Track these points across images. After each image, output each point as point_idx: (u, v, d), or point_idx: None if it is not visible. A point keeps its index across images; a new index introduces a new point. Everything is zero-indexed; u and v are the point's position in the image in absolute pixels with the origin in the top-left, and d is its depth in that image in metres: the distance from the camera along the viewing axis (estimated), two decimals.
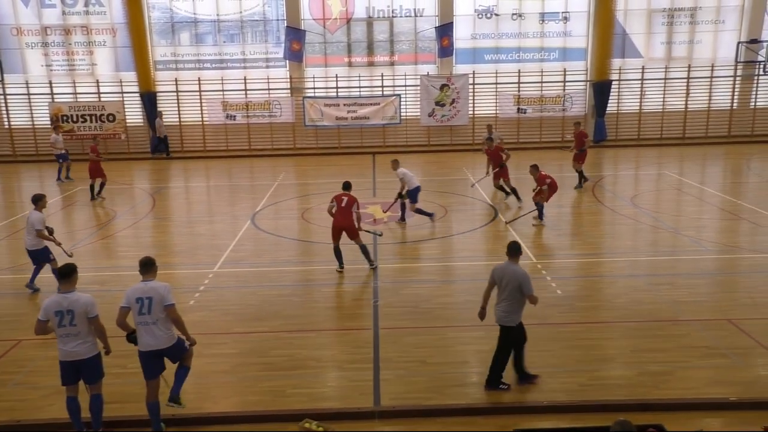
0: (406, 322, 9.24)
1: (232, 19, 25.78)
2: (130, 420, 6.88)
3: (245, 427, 6.76)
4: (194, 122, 26.26)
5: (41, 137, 25.89)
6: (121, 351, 7.05)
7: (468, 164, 22.70)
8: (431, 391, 7.35)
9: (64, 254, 10.35)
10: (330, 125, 26.09)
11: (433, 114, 25.90)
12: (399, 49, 26.34)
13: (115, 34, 25.67)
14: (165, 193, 19.53)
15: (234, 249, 12.98)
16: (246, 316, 9.62)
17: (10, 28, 25.48)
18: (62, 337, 6.32)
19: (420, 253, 12.48)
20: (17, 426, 6.78)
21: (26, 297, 10.59)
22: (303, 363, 8.09)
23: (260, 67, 26.18)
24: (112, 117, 25.59)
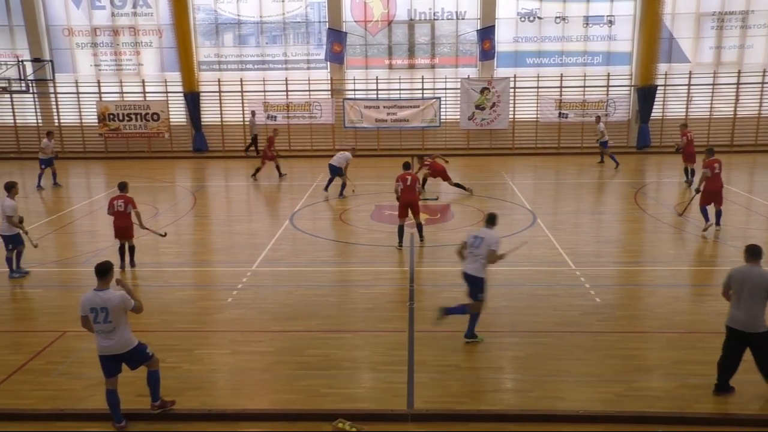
0: (441, 325, 9.18)
1: (275, 21, 26.09)
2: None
3: (279, 425, 6.82)
4: (236, 122, 26.66)
5: (89, 135, 26.63)
6: (156, 346, 7.18)
7: (507, 168, 22.53)
8: (465, 395, 7.31)
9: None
10: (369, 127, 26.19)
11: (472, 117, 25.78)
12: (440, 51, 26.30)
13: (161, 35, 26.23)
14: (205, 191, 19.84)
15: (272, 248, 13.12)
16: (283, 314, 9.70)
17: (62, 29, 26.26)
18: (99, 333, 6.51)
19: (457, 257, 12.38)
20: (60, 414, 6.97)
21: (72, 290, 10.89)
22: (338, 363, 8.12)
23: (301, 68, 26.44)
24: (157, 116, 26.14)
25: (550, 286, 10.77)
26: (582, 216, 15.99)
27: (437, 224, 15.01)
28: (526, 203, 16.83)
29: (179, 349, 8.48)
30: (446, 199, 17.86)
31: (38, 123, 26.85)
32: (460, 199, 17.88)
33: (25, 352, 8.46)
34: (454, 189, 17.78)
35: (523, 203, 16.88)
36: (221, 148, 26.66)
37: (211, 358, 8.37)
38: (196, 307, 10.11)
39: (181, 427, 6.78)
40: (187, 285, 11.33)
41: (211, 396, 7.36)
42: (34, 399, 7.30)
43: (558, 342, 8.64)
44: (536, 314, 9.59)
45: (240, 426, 6.85)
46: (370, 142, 26.38)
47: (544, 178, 21.46)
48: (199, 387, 7.55)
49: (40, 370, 8.02)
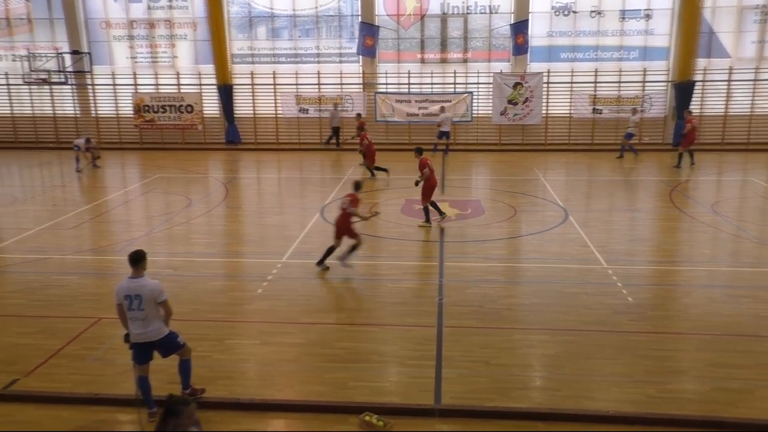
0: (470, 321, 9.16)
1: (308, 15, 26.18)
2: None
3: (307, 417, 6.86)
4: (268, 115, 26.85)
5: (125, 126, 27.08)
6: (187, 335, 7.27)
7: (539, 164, 22.31)
8: (493, 392, 7.27)
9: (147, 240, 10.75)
10: (401, 121, 26.15)
11: (505, 112, 25.56)
12: (472, 46, 26.11)
13: (196, 28, 26.51)
14: (237, 183, 20.03)
15: (302, 240, 13.19)
16: (312, 307, 9.76)
17: (100, 22, 26.71)
18: (132, 320, 6.61)
19: (487, 253, 12.33)
20: (95, 399, 7.12)
21: (106, 277, 11.10)
22: (366, 357, 8.14)
23: (333, 61, 26.49)
24: (190, 108, 26.46)
25: (581, 284, 10.64)
26: (615, 213, 15.75)
27: (467, 219, 14.93)
28: (558, 200, 16.64)
29: (210, 338, 8.59)
30: (478, 194, 17.77)
31: (76, 114, 27.40)
32: (491, 195, 17.77)
33: (61, 337, 8.66)
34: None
35: (554, 200, 16.70)
36: (253, 140, 26.88)
37: (241, 348, 8.46)
38: (227, 298, 10.23)
39: (210, 416, 6.86)
40: (218, 275, 11.47)
41: (240, 385, 7.44)
42: (70, 383, 7.48)
43: (588, 341, 8.54)
44: (566, 312, 9.48)
45: (268, 416, 6.92)
46: (401, 136, 26.34)
47: (576, 174, 21.19)
48: (228, 376, 7.64)
49: (76, 355, 8.21)
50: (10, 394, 7.27)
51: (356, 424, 6.69)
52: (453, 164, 22.36)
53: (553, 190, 17.81)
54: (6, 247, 12.98)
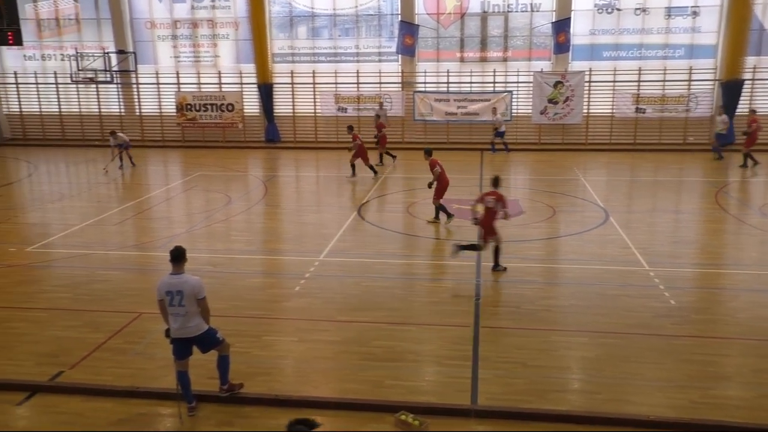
0: (507, 322, 9.08)
1: (348, 14, 26.27)
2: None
3: (343, 414, 6.89)
4: (307, 113, 27.05)
5: (167, 124, 27.59)
6: (226, 331, 7.36)
7: (579, 164, 21.97)
8: (530, 394, 7.19)
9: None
10: (439, 120, 26.06)
11: (545, 112, 25.25)
12: (513, 44, 25.85)
13: (238, 28, 26.86)
14: (276, 181, 20.23)
15: (340, 239, 13.25)
16: (349, 305, 9.79)
17: (145, 22, 27.28)
18: (172, 316, 6.72)
19: (525, 254, 12.20)
20: (136, 392, 7.27)
21: (148, 273, 11.32)
22: (402, 356, 8.14)
23: (373, 60, 26.54)
24: (231, 107, 26.83)
25: (622, 286, 10.44)
26: (658, 215, 15.41)
27: (504, 219, 14.76)
28: (599, 200, 16.36)
29: (248, 334, 8.70)
30: (516, 194, 17.57)
31: (121, 112, 28.03)
32: (529, 194, 17.57)
33: (104, 331, 8.87)
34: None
35: (595, 200, 16.42)
36: (293, 138, 27.11)
37: (279, 344, 8.54)
38: (265, 295, 10.33)
39: (248, 411, 6.95)
40: (256, 272, 11.59)
41: (277, 382, 7.51)
42: (112, 376, 7.65)
43: (628, 344, 8.37)
44: (606, 314, 9.32)
45: (304, 412, 6.93)
46: (440, 135, 26.24)
47: (618, 174, 20.80)
48: (266, 372, 7.72)
49: (118, 348, 8.40)
50: (56, 385, 7.47)
51: (392, 423, 6.69)
52: (492, 163, 22.17)
53: (594, 191, 17.52)
54: (53, 242, 13.35)
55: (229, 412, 6.94)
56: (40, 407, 7.12)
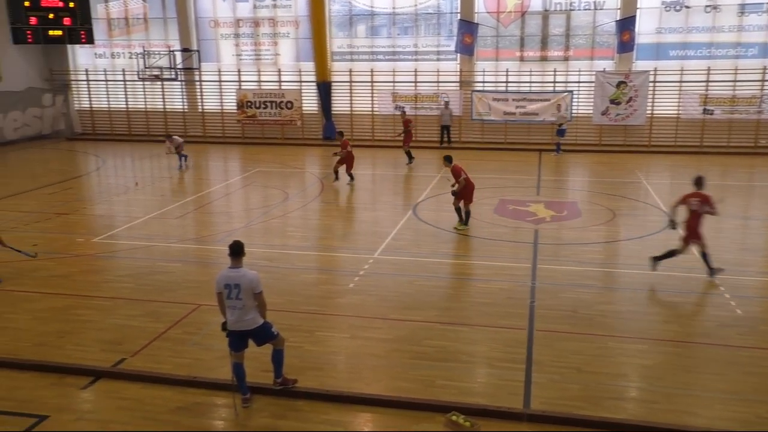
0: (563, 326, 8.90)
1: (407, 12, 26.26)
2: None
3: (393, 412, 6.89)
4: (364, 112, 27.18)
5: (228, 121, 28.20)
6: (281, 325, 7.46)
7: (642, 166, 21.36)
8: (585, 400, 7.03)
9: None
10: (497, 120, 25.79)
11: (606, 112, 24.65)
12: (574, 43, 25.33)
13: (298, 26, 27.22)
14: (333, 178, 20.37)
15: (394, 237, 13.26)
16: (401, 303, 9.80)
17: (209, 21, 27.94)
18: (230, 309, 6.85)
19: (583, 257, 11.94)
20: (193, 381, 7.46)
21: (207, 266, 11.60)
22: (454, 356, 8.09)
23: (431, 59, 26.46)
24: (290, 104, 27.21)
25: (684, 293, 10.10)
26: (725, 221, 14.74)
27: (562, 221, 14.52)
28: (661, 204, 15.86)
29: (302, 329, 8.80)
30: (574, 196, 17.22)
31: (184, 109, 28.80)
32: (588, 197, 17.20)
33: (164, 321, 9.14)
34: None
35: (657, 204, 15.93)
36: (349, 136, 27.17)
37: (332, 340, 8.61)
38: (319, 291, 10.44)
39: (300, 405, 7.03)
40: (311, 268, 11.73)
41: (329, 377, 7.57)
42: (171, 365, 7.87)
43: (690, 353, 8.09)
44: (667, 322, 9.04)
45: (355, 409, 7.00)
46: (497, 135, 25.97)
47: (682, 178, 20.04)
48: (319, 368, 7.79)
49: (177, 338, 8.63)
50: (118, 372, 7.74)
51: (443, 423, 6.65)
52: (550, 164, 21.81)
53: (656, 194, 17.01)
54: (118, 233, 13.83)
55: (282, 405, 7.04)
56: (102, 392, 7.39)
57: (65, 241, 13.17)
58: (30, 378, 7.64)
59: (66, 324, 9.14)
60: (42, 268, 11.41)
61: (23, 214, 15.20)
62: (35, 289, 10.46)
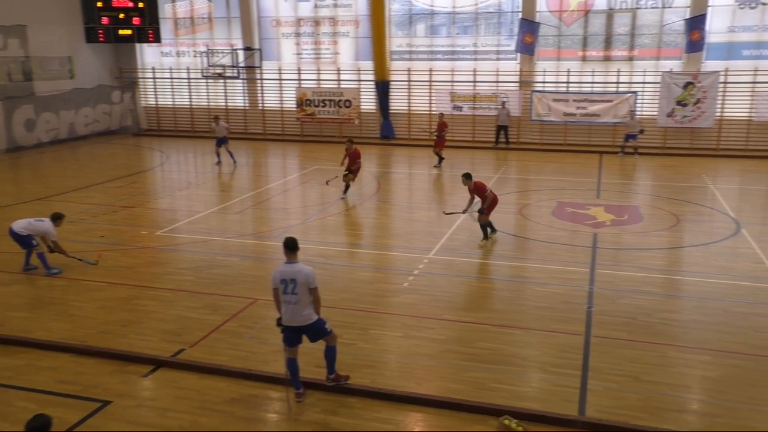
0: (621, 333, 8.68)
1: (467, 11, 26.07)
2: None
3: (444, 413, 6.86)
4: (422, 111, 27.13)
5: (287, 119, 28.62)
6: (335, 322, 7.52)
7: (709, 170, 20.61)
8: (643, 410, 6.84)
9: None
10: (557, 121, 25.33)
11: (672, 114, 23.89)
12: (640, 43, 24.63)
13: (358, 26, 27.38)
14: (389, 177, 20.45)
15: (450, 237, 13.20)
16: (455, 304, 9.75)
17: (271, 20, 28.42)
18: (285, 304, 6.94)
19: (644, 262, 11.61)
20: (249, 374, 7.61)
21: (263, 261, 11.82)
22: (507, 359, 8.00)
23: (490, 59, 26.19)
24: (349, 103, 27.41)
25: (752, 303, 9.69)
26: None
27: (623, 226, 14.16)
28: (729, 210, 15.27)
29: (355, 327, 8.86)
30: (636, 200, 16.78)
31: (245, 106, 29.38)
32: (651, 201, 16.71)
33: (222, 314, 9.35)
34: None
35: (725, 210, 15.35)
36: (407, 136, 27.30)
37: (384, 339, 8.64)
38: (373, 289, 10.48)
39: (352, 402, 7.08)
40: (366, 266, 11.79)
41: (381, 376, 7.60)
42: (227, 357, 8.05)
43: (757, 366, 7.77)
44: (732, 333, 8.69)
45: (407, 408, 7.00)
46: (557, 136, 25.52)
47: (754, 183, 19.33)
48: (371, 365, 7.83)
49: (234, 331, 8.82)
50: (177, 362, 7.97)
51: (495, 427, 6.59)
52: (611, 167, 21.29)
53: (724, 200, 16.39)
54: (179, 227, 14.22)
55: (334, 401, 7.10)
56: (162, 380, 7.62)
57: (130, 233, 13.64)
58: (95, 364, 7.95)
59: (129, 313, 9.47)
60: (108, 259, 11.84)
61: (92, 207, 15.82)
62: (101, 278, 10.88)
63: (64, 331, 8.82)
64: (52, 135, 26.18)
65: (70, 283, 10.68)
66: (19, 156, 23.59)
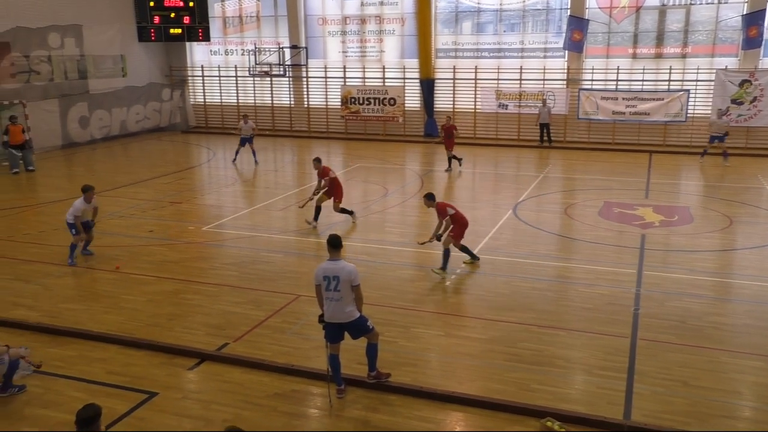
0: (669, 336, 8.47)
1: (514, 9, 25.78)
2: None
3: (485, 413, 6.81)
4: (467, 110, 26.96)
5: (332, 116, 28.80)
6: (376, 319, 7.54)
7: (766, 171, 19.91)
8: (691, 416, 6.65)
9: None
10: (605, 119, 24.84)
11: (726, 113, 23.13)
12: (694, 39, 23.94)
13: (404, 24, 27.35)
14: (433, 175, 20.38)
15: (493, 237, 13.09)
16: (497, 303, 9.66)
17: (317, 18, 28.63)
18: (327, 300, 7.00)
19: (694, 265, 11.30)
20: (291, 369, 7.70)
21: (306, 258, 11.92)
22: (550, 360, 7.88)
23: (537, 57, 25.84)
24: (393, 101, 27.41)
25: None
26: None
27: (672, 227, 13.81)
28: None
29: (397, 325, 8.87)
30: (687, 201, 16.32)
31: (290, 104, 29.68)
32: (702, 202, 16.26)
33: (265, 309, 9.48)
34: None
35: None
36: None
37: (426, 337, 8.62)
38: (415, 287, 10.47)
39: (393, 399, 7.09)
40: (408, 265, 11.78)
41: (422, 374, 7.59)
42: (271, 352, 8.15)
43: None
44: None
45: (447, 407, 6.98)
46: (605, 135, 25.02)
47: None
48: (412, 363, 7.83)
49: (277, 327, 8.93)
50: (221, 355, 8.11)
51: (536, 428, 6.51)
52: (661, 167, 20.77)
53: None
54: (225, 223, 14.47)
55: (375, 398, 7.12)
56: (207, 374, 7.77)
57: (177, 229, 13.93)
58: (143, 356, 8.16)
59: (176, 307, 9.68)
60: (156, 253, 12.14)
61: (141, 202, 16.22)
62: (150, 272, 11.15)
63: (114, 324, 9.07)
64: (105, 132, 26.95)
65: (122, 277, 10.98)
66: (73, 152, 24.35)
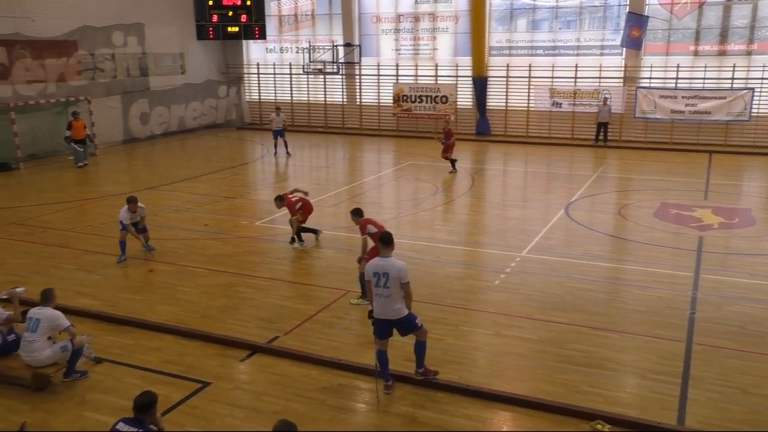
0: (727, 342, 8.21)
1: (571, 6, 25.32)
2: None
3: (534, 414, 6.75)
4: (520, 108, 26.64)
5: (384, 114, 28.88)
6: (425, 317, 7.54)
7: None
8: (749, 424, 6.45)
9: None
10: (663, 118, 24.17)
11: None
12: (761, 36, 23.05)
13: (458, 21, 27.21)
14: (484, 174, 20.24)
15: (544, 236, 12.93)
16: (548, 304, 9.54)
17: (371, 16, 28.76)
18: (377, 297, 7.06)
19: (755, 269, 10.90)
20: (339, 363, 7.79)
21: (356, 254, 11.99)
22: (601, 363, 7.75)
23: (594, 54, 25.32)
24: (445, 99, 27.31)
25: None
26: None
27: (732, 230, 13.36)
28: None
29: (445, 322, 8.86)
30: (749, 203, 15.76)
31: (343, 102, 29.90)
32: (766, 204, 15.66)
33: (315, 304, 9.61)
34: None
35: None
36: (503, 132, 26.89)
37: (475, 336, 8.59)
38: (464, 285, 10.44)
39: (440, 397, 7.10)
40: (457, 263, 11.74)
41: (470, 372, 7.57)
42: (319, 346, 8.27)
43: None
44: None
45: (495, 406, 6.94)
46: (662, 134, 24.36)
47: None
48: (460, 362, 7.82)
49: (326, 321, 9.04)
50: (272, 348, 8.27)
51: (587, 430, 6.42)
52: (722, 168, 20.10)
53: None
54: (277, 218, 14.69)
55: (422, 395, 7.15)
56: (257, 365, 7.93)
57: (231, 223, 14.24)
58: (197, 346, 8.38)
59: (229, 300, 9.91)
60: (211, 247, 12.44)
61: (197, 196, 16.63)
62: (204, 265, 11.44)
63: (170, 314, 9.34)
64: (164, 128, 27.72)
65: (178, 269, 11.29)
66: (133, 147, 25.13)
